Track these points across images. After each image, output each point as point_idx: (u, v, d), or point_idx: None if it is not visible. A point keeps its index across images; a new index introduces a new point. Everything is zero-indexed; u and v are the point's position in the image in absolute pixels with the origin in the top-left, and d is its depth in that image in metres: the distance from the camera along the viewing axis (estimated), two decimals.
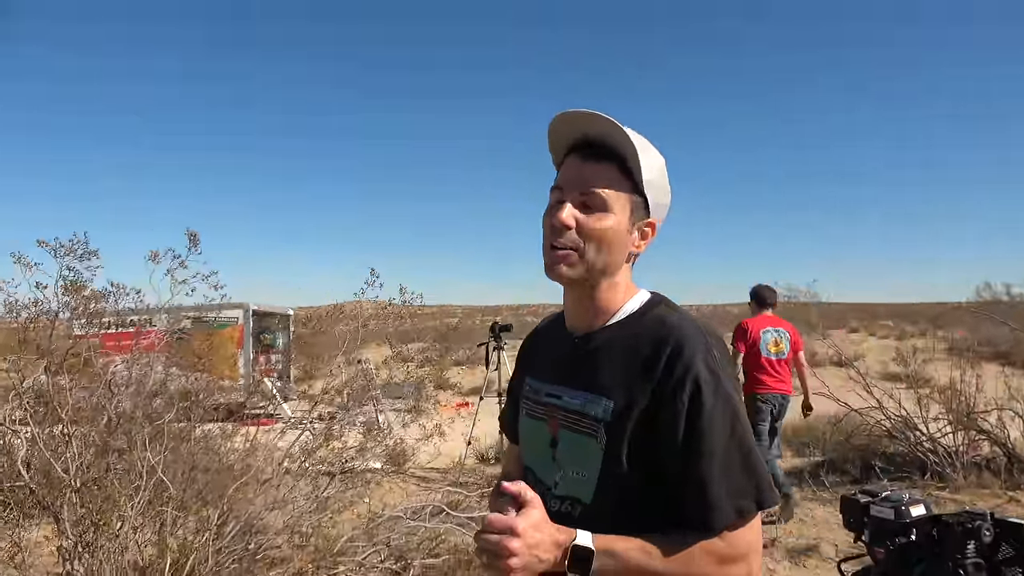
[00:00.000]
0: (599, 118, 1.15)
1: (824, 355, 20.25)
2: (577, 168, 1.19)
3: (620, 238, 1.18)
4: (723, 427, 1.07)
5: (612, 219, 1.17)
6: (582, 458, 1.15)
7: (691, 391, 1.07)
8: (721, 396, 1.08)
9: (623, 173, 1.17)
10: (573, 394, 1.19)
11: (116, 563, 2.99)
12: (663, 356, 1.10)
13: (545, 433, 1.24)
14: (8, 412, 4.15)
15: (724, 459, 1.06)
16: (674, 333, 1.12)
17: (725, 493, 1.05)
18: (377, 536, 4.00)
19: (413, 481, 7.12)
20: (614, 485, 1.12)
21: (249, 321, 15.45)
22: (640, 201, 1.19)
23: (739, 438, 1.08)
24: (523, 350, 1.44)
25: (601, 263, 1.18)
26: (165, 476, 3.37)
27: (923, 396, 6.70)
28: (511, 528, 1.02)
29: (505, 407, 1.51)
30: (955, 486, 5.91)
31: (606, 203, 1.16)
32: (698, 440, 1.06)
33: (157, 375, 4.62)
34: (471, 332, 31.29)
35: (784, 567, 4.55)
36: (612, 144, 1.17)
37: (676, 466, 1.07)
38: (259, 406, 9.78)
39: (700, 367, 1.08)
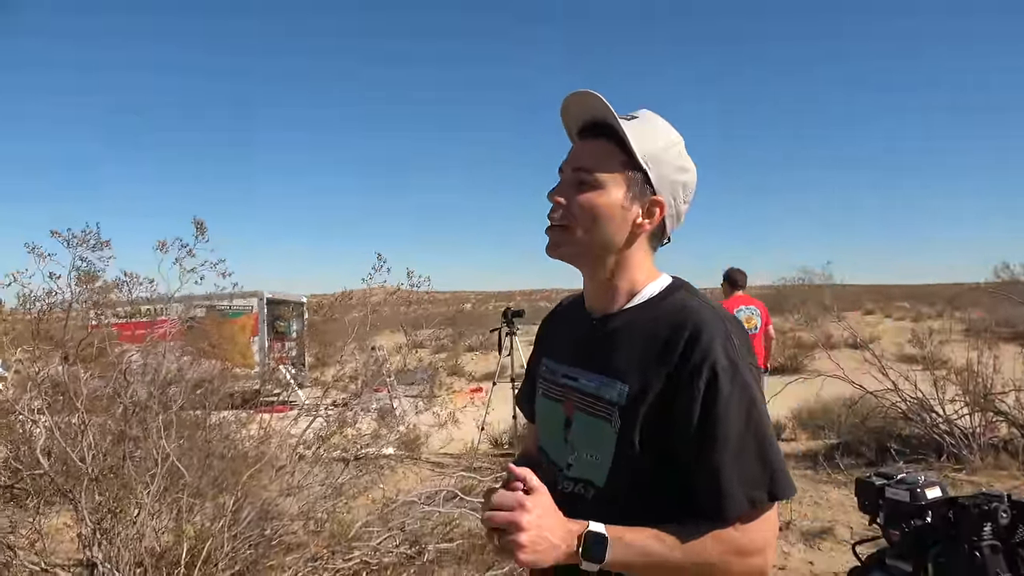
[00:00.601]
0: (589, 96, 1.16)
1: (839, 337, 20.15)
2: (575, 147, 1.22)
3: (614, 213, 1.16)
4: (738, 415, 1.05)
5: (604, 195, 1.16)
6: (596, 441, 1.14)
7: (708, 377, 1.05)
8: (738, 384, 1.06)
9: (620, 148, 1.16)
10: (589, 376, 1.18)
11: (134, 549, 3.03)
12: (681, 341, 1.08)
13: (560, 414, 1.24)
14: (27, 401, 4.21)
15: (738, 448, 1.05)
16: (693, 318, 1.11)
17: (738, 482, 1.04)
18: (392, 521, 4.02)
19: (427, 467, 7.16)
20: (627, 469, 1.11)
21: (264, 309, 15.55)
22: (638, 176, 1.17)
23: (755, 427, 1.06)
24: (541, 330, 1.44)
25: (597, 239, 1.17)
26: (181, 464, 3.40)
27: (939, 378, 6.64)
28: (520, 503, 1.02)
29: (523, 386, 1.50)
30: (972, 468, 5.86)
31: (597, 179, 1.16)
32: (712, 427, 1.04)
33: (171, 364, 4.65)
34: (484, 318, 31.36)
35: (799, 550, 4.54)
36: (606, 120, 1.17)
37: (689, 453, 1.06)
38: (274, 393, 9.88)
39: (718, 353, 1.07)
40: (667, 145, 1.19)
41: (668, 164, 1.19)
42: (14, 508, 4.70)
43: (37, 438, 3.80)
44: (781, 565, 4.29)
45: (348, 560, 3.68)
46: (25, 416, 3.95)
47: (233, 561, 3.11)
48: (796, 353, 20.31)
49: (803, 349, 20.37)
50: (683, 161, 1.21)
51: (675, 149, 1.20)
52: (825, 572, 4.18)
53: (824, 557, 4.42)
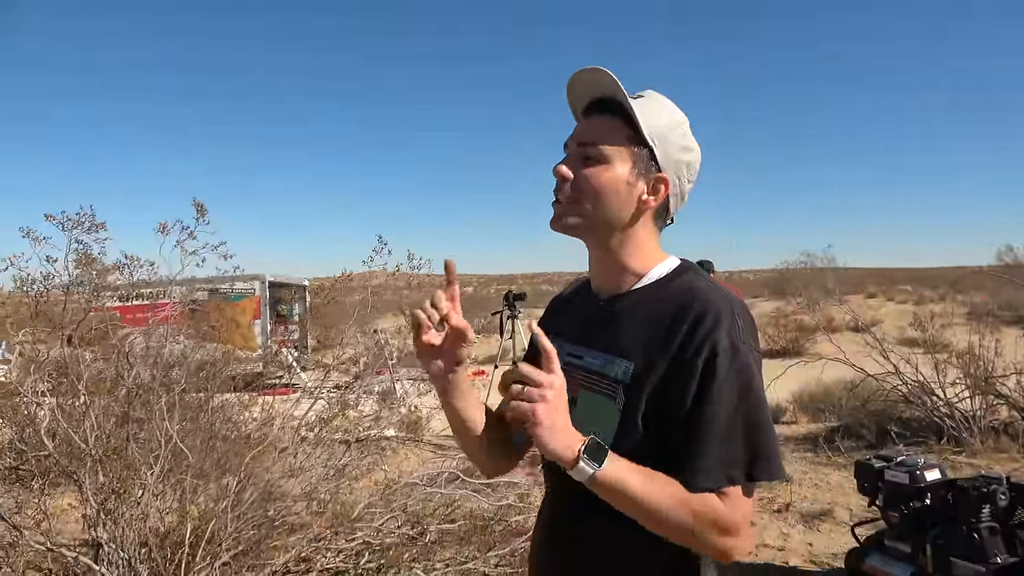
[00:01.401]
0: (597, 72, 1.15)
1: (841, 320, 20.15)
2: (581, 123, 1.22)
3: (619, 188, 1.17)
4: (731, 397, 1.06)
5: (610, 171, 1.16)
6: (600, 418, 1.14)
7: (707, 357, 1.07)
8: (735, 367, 1.07)
9: (625, 124, 1.16)
10: (594, 355, 1.19)
11: (138, 530, 3.05)
12: (686, 321, 1.10)
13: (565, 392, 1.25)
14: (32, 383, 4.23)
15: (727, 428, 1.06)
16: (699, 299, 1.12)
17: (719, 459, 1.05)
18: (394, 502, 4.05)
19: (428, 448, 7.20)
20: (629, 446, 1.10)
21: (266, 292, 15.56)
22: (644, 152, 1.17)
23: (747, 409, 1.07)
24: (550, 309, 1.44)
25: (602, 214, 1.18)
26: (184, 445, 3.42)
27: (941, 361, 6.64)
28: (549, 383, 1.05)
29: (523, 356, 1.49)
30: (972, 451, 5.89)
31: (603, 154, 1.16)
32: (704, 405, 1.06)
33: (174, 346, 4.67)
34: (486, 301, 31.38)
35: (798, 531, 4.57)
36: (615, 98, 1.17)
37: (681, 428, 1.07)
38: (276, 376, 9.90)
39: (720, 335, 1.08)
40: (672, 124, 1.19)
41: (673, 143, 1.19)
42: (19, 489, 4.74)
43: (41, 420, 3.82)
44: (780, 546, 4.33)
45: (351, 540, 3.71)
46: (29, 398, 3.97)
47: (236, 541, 3.13)
48: (797, 336, 20.32)
49: (804, 332, 20.38)
50: (688, 141, 1.21)
51: (680, 129, 1.20)
52: (824, 553, 4.20)
53: (823, 538, 4.45)
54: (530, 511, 4.24)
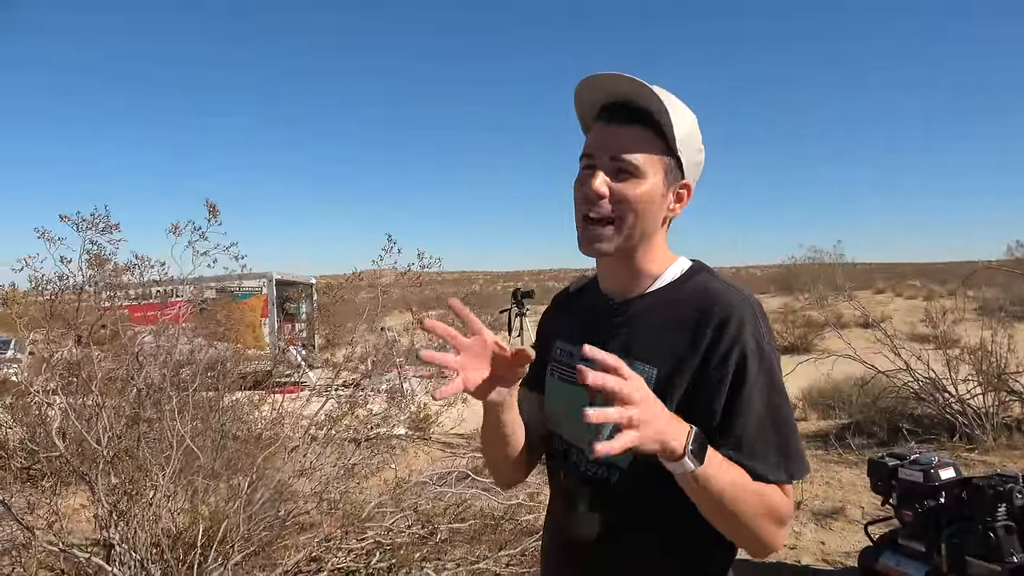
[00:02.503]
0: (624, 79, 1.11)
1: (850, 316, 20.07)
2: (606, 132, 1.15)
3: (656, 203, 1.14)
4: (761, 399, 1.07)
5: (647, 184, 1.13)
6: None
7: (737, 361, 1.06)
8: (764, 369, 1.07)
9: (655, 134, 1.13)
10: None
11: (150, 530, 3.06)
12: (710, 325, 1.08)
13: (582, 396, 1.20)
14: (42, 383, 4.24)
15: (758, 430, 1.06)
16: (720, 301, 1.11)
17: (758, 459, 1.05)
18: (404, 501, 4.05)
19: (438, 447, 7.20)
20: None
21: (273, 290, 15.61)
22: (673, 163, 1.15)
23: (774, 411, 1.08)
24: (553, 306, 1.41)
25: (639, 232, 1.14)
26: (195, 445, 3.42)
27: (952, 357, 6.59)
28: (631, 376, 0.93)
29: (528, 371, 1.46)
30: (984, 448, 5.84)
31: (639, 168, 1.12)
32: (737, 410, 1.06)
33: (184, 346, 4.68)
34: (492, 298, 31.38)
35: (810, 529, 4.55)
36: (641, 105, 1.13)
37: (712, 432, 1.06)
38: (285, 374, 9.91)
39: (747, 338, 1.07)
40: (692, 128, 1.17)
41: (693, 147, 1.17)
42: (31, 489, 4.76)
43: (52, 420, 3.83)
44: (792, 545, 4.30)
45: (361, 540, 3.71)
46: (40, 398, 3.98)
47: (248, 542, 3.14)
48: (806, 332, 20.25)
49: (813, 328, 20.31)
50: (700, 141, 1.19)
51: (696, 129, 1.18)
52: (837, 552, 4.18)
53: (836, 537, 4.42)
54: (540, 510, 4.22)
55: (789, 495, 1.08)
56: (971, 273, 9.08)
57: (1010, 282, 14.36)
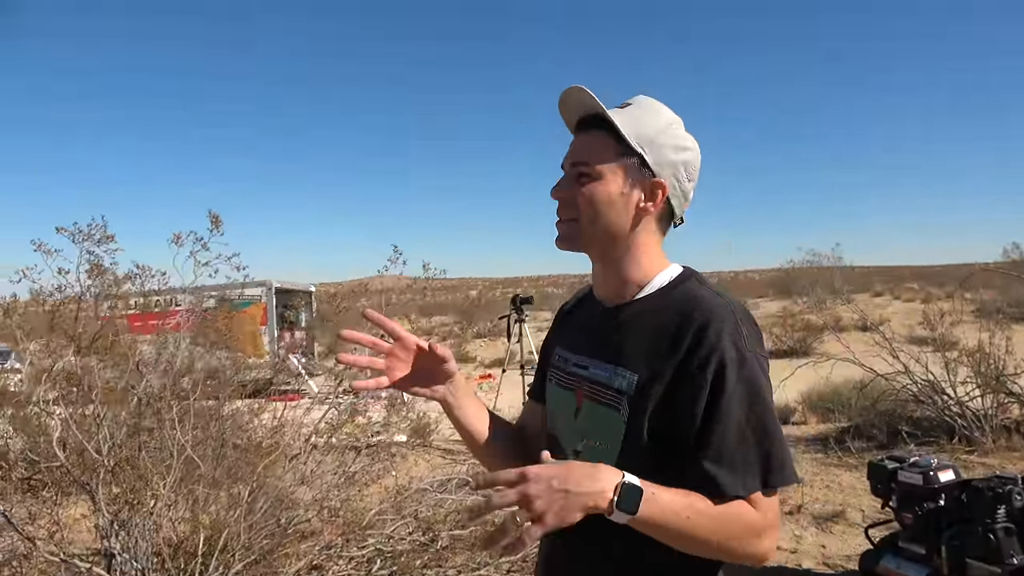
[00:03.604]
0: (575, 90, 1.18)
1: (849, 319, 20.07)
2: (572, 144, 1.24)
3: (614, 200, 1.18)
4: (741, 407, 1.06)
5: (601, 185, 1.18)
6: (605, 429, 1.15)
7: (715, 369, 1.06)
8: (744, 377, 1.07)
9: (614, 137, 1.18)
10: (599, 366, 1.20)
11: (151, 540, 3.06)
12: (690, 332, 1.09)
13: (572, 403, 1.25)
14: (42, 393, 4.24)
15: (738, 438, 1.06)
16: (702, 308, 1.11)
17: (734, 470, 1.05)
18: (404, 509, 4.04)
19: (438, 454, 7.20)
20: (635, 456, 1.11)
21: (272, 298, 15.60)
22: (634, 162, 1.18)
23: (756, 419, 1.07)
24: (556, 321, 1.46)
25: (602, 227, 1.19)
26: (195, 454, 3.42)
27: (951, 360, 6.61)
28: (520, 474, 0.97)
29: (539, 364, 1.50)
30: (984, 450, 5.85)
31: (595, 169, 1.18)
32: (716, 418, 1.06)
33: (184, 355, 4.68)
34: (491, 304, 31.39)
35: (811, 533, 4.55)
36: (595, 112, 1.19)
37: (693, 440, 1.07)
38: (285, 383, 9.89)
39: (726, 345, 1.07)
40: (662, 127, 1.20)
41: (665, 145, 1.19)
42: (31, 499, 4.75)
43: (53, 430, 3.83)
44: (793, 548, 4.31)
45: (362, 548, 3.71)
46: (40, 408, 3.99)
47: (249, 551, 3.14)
48: (805, 336, 20.25)
49: (812, 331, 20.31)
50: (681, 140, 1.21)
51: (671, 130, 1.21)
52: (837, 555, 4.19)
53: (836, 540, 4.43)
54: None
55: (767, 505, 1.07)
56: (968, 276, 9.09)
57: (1007, 284, 14.41)
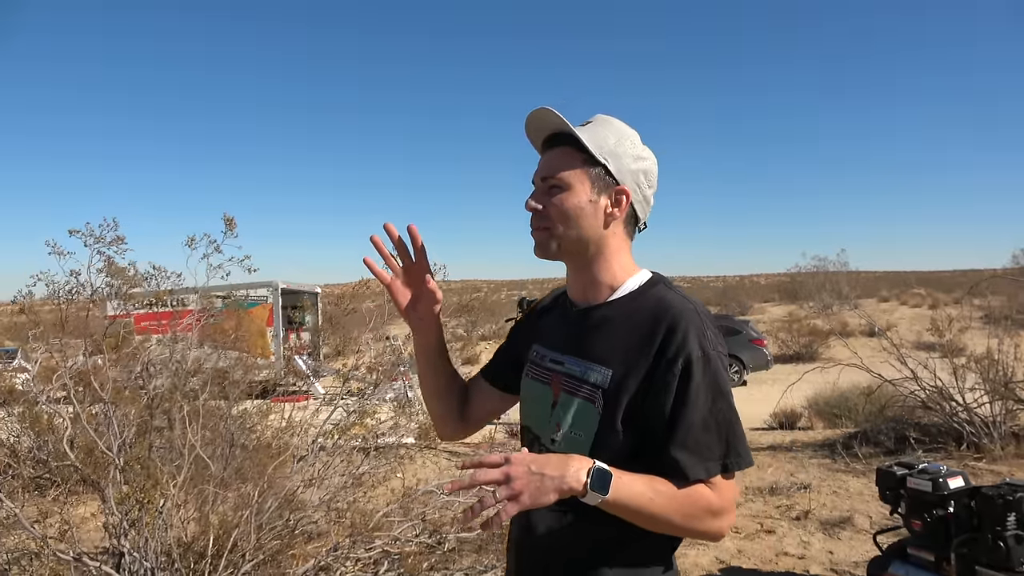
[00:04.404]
0: (543, 112, 1.29)
1: (855, 325, 20.04)
2: (541, 160, 1.35)
3: (583, 207, 1.29)
4: (705, 401, 1.18)
5: (571, 195, 1.28)
6: (580, 420, 1.25)
7: (683, 366, 1.18)
8: (708, 373, 1.19)
9: (577, 150, 1.28)
10: (575, 362, 1.30)
11: (161, 539, 3.07)
12: (660, 331, 1.21)
13: (548, 395, 1.34)
14: (50, 392, 4.27)
15: (702, 426, 1.18)
16: (672, 311, 1.22)
17: (701, 456, 1.17)
18: (412, 511, 4.05)
19: (444, 456, 7.21)
20: (607, 445, 1.22)
21: (278, 299, 15.63)
22: (599, 172, 1.29)
23: (718, 411, 1.19)
24: (531, 317, 1.54)
25: (575, 234, 1.30)
26: (204, 454, 3.44)
27: (958, 366, 6.58)
28: (504, 458, 1.10)
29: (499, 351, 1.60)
30: (992, 457, 5.83)
31: (563, 181, 1.29)
32: (682, 409, 1.17)
33: (193, 354, 4.70)
34: (497, 306, 31.40)
35: (818, 539, 4.54)
36: (563, 130, 1.30)
37: (662, 429, 1.18)
38: (292, 384, 9.90)
39: (693, 344, 1.19)
40: (620, 139, 1.31)
41: (625, 156, 1.30)
42: (40, 498, 4.78)
43: (62, 429, 3.85)
44: (800, 555, 4.30)
45: (370, 550, 3.72)
46: (49, 407, 4.01)
47: (258, 551, 3.14)
48: (811, 341, 20.23)
49: (818, 337, 20.29)
50: (639, 151, 1.33)
51: (628, 141, 1.32)
52: (845, 561, 4.17)
53: (844, 547, 4.41)
54: None
55: (725, 487, 1.19)
56: (977, 283, 9.06)
57: (1016, 290, 14.34)
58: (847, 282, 31.51)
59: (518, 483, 1.08)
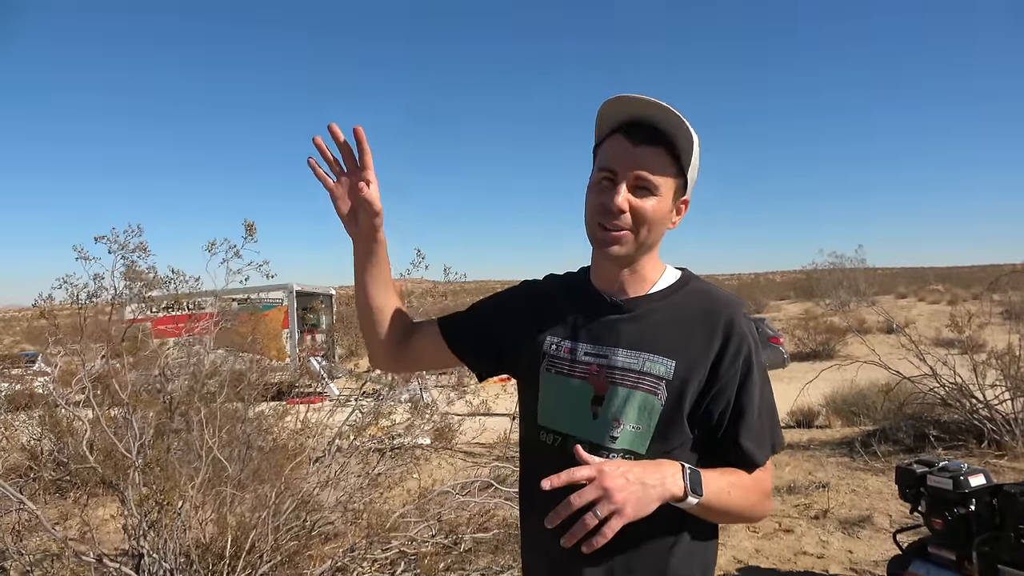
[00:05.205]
0: (653, 104, 1.19)
1: (873, 322, 19.84)
2: (631, 151, 1.23)
3: (665, 218, 1.27)
4: (761, 387, 1.25)
5: (661, 202, 1.25)
6: (641, 412, 1.22)
7: (745, 358, 1.23)
8: (758, 362, 1.25)
9: (671, 157, 1.23)
10: (628, 354, 1.26)
11: (180, 540, 3.09)
12: (720, 325, 1.24)
13: (586, 391, 1.27)
14: (69, 395, 4.31)
15: (761, 411, 1.24)
16: (728, 307, 1.26)
17: (761, 439, 1.24)
18: (428, 511, 4.06)
19: (460, 456, 7.21)
20: (670, 436, 1.22)
21: (293, 301, 15.72)
22: (682, 182, 1.27)
23: (767, 396, 1.27)
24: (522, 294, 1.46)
25: (650, 241, 1.28)
26: (222, 456, 3.46)
27: (979, 362, 6.50)
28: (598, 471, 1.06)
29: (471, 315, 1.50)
30: (1014, 454, 5.75)
31: (657, 187, 1.23)
32: (748, 397, 1.23)
33: (210, 357, 4.74)
34: None
35: (837, 538, 4.50)
36: (664, 128, 1.21)
37: (727, 419, 1.22)
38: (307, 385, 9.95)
39: (748, 335, 1.24)
40: (695, 147, 1.24)
41: (695, 166, 1.27)
42: (59, 500, 4.83)
43: (81, 432, 3.89)
44: (819, 554, 4.26)
45: (386, 550, 3.72)
46: (68, 410, 4.05)
47: (275, 552, 3.16)
48: (828, 338, 20.06)
49: (835, 334, 20.11)
50: (699, 159, 1.28)
51: (696, 150, 1.25)
52: (865, 560, 4.13)
53: (863, 545, 4.37)
54: None
55: (769, 468, 1.28)
56: (997, 278, 8.94)
57: None
58: (864, 279, 31.20)
59: (619, 495, 1.04)
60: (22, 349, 16.84)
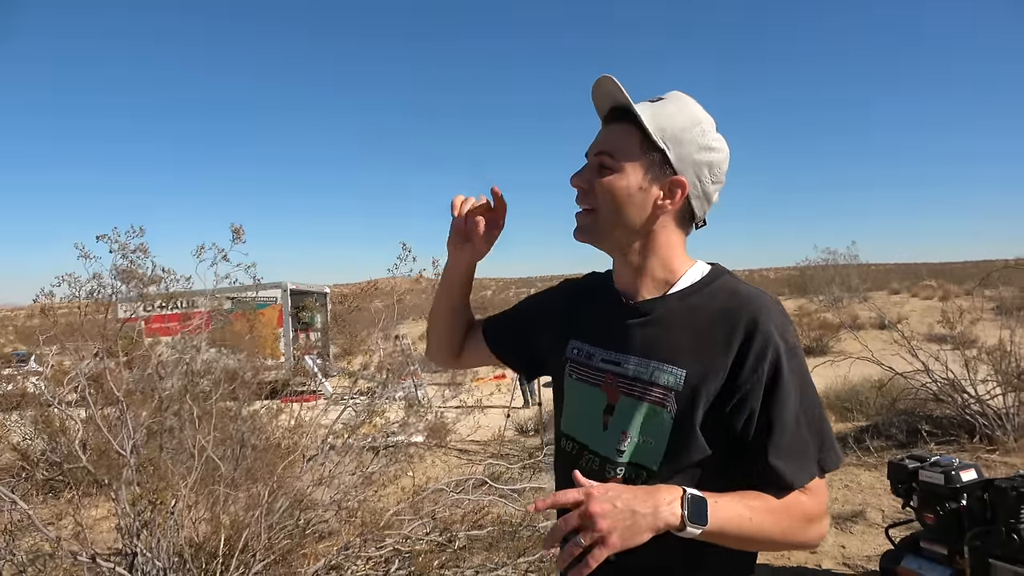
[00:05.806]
0: (606, 80, 1.16)
1: (866, 318, 19.90)
2: (599, 133, 1.23)
3: (632, 195, 1.16)
4: (796, 396, 1.08)
5: (620, 177, 1.17)
6: (650, 426, 1.13)
7: (772, 360, 1.08)
8: (795, 366, 1.09)
9: (640, 131, 1.16)
10: (638, 362, 1.17)
11: (173, 540, 3.08)
12: (740, 327, 1.10)
13: (600, 399, 1.21)
14: (61, 395, 4.30)
15: (795, 427, 1.08)
16: (749, 303, 1.12)
17: (796, 458, 1.07)
18: (422, 509, 4.06)
19: (455, 454, 7.22)
20: (683, 451, 1.11)
21: (287, 300, 15.67)
22: (657, 157, 1.16)
23: (808, 404, 1.10)
24: (565, 294, 1.42)
25: (618, 221, 1.18)
26: (215, 455, 3.45)
27: (970, 358, 6.53)
28: (585, 493, 0.97)
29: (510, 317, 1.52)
30: (1005, 449, 5.78)
31: (616, 162, 1.17)
32: (775, 409, 1.07)
33: (203, 356, 4.72)
34: (505, 304, 31.37)
35: (831, 533, 4.52)
36: (621, 104, 1.17)
37: (751, 433, 1.08)
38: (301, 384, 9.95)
39: (778, 338, 1.09)
40: (689, 124, 1.16)
41: (690, 143, 1.16)
42: (53, 500, 4.82)
43: (74, 431, 3.88)
44: (812, 550, 4.28)
45: (380, 548, 3.72)
46: (61, 410, 4.04)
47: (269, 550, 3.16)
48: (822, 334, 20.10)
49: (828, 330, 20.16)
50: (708, 140, 1.17)
51: (699, 128, 1.17)
52: (857, 555, 4.15)
53: (856, 540, 4.39)
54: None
55: (820, 489, 1.10)
56: (988, 273, 8.98)
57: None
58: (858, 275, 31.30)
59: (604, 523, 0.94)
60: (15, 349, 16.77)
